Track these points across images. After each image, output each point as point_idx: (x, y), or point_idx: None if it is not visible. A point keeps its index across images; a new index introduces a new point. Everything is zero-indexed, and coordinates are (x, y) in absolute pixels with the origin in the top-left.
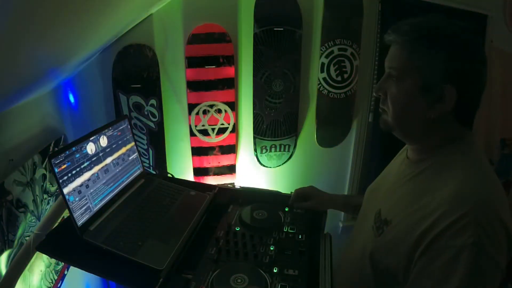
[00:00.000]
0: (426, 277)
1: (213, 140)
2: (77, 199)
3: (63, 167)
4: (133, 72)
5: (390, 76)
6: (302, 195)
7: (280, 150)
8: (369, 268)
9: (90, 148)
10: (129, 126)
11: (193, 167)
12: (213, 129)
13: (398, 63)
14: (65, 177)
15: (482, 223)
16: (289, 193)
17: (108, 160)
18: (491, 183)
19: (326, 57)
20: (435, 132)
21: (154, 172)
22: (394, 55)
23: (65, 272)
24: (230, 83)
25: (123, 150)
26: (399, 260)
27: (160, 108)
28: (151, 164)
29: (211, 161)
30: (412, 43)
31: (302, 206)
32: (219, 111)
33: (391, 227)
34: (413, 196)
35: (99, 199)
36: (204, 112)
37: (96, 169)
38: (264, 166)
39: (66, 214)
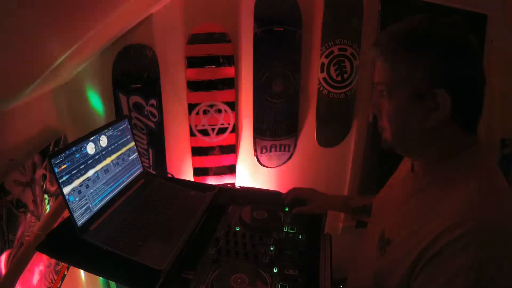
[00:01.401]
0: None
1: (213, 140)
2: (77, 199)
3: (63, 167)
4: (133, 72)
5: (381, 92)
6: (301, 198)
7: (280, 150)
8: None
9: (90, 148)
10: (129, 126)
11: (193, 167)
12: (213, 129)
13: (385, 77)
14: (65, 177)
15: (486, 244)
16: None
17: (108, 160)
18: (502, 197)
19: (326, 57)
20: (437, 143)
21: (154, 172)
22: (380, 69)
23: (65, 272)
24: (230, 83)
25: (123, 150)
26: (400, 281)
27: (160, 108)
28: (151, 164)
29: (211, 161)
30: (392, 52)
31: (301, 211)
32: (219, 111)
33: (392, 247)
34: (416, 214)
35: (99, 199)
36: (204, 112)
37: (96, 169)
38: (264, 166)
39: (66, 214)
